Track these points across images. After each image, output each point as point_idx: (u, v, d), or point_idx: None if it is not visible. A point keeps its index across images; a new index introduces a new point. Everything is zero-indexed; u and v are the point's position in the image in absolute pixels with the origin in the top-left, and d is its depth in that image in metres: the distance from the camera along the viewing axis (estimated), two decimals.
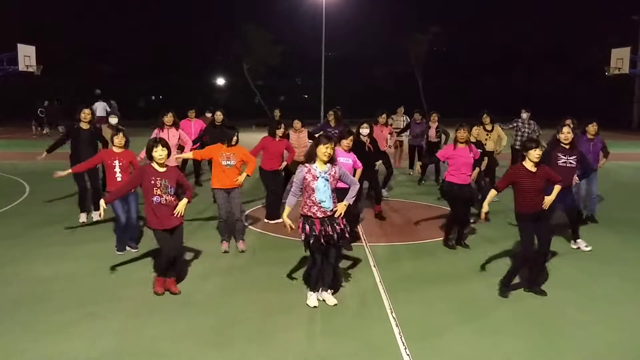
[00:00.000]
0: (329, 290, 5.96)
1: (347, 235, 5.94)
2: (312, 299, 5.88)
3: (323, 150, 5.62)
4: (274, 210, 9.48)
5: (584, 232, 8.36)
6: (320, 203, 5.63)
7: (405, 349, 4.92)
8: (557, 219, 8.09)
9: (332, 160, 5.74)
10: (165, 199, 5.99)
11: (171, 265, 6.14)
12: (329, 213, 5.69)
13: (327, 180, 5.63)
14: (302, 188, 5.72)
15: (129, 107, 36.19)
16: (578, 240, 8.01)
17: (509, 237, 8.29)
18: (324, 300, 5.89)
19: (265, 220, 9.52)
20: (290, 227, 5.69)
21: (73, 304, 5.86)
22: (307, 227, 5.69)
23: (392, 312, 5.71)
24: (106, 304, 5.85)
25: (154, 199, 5.96)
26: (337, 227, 5.74)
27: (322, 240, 5.68)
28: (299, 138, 10.43)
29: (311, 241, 5.70)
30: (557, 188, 6.30)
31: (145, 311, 5.68)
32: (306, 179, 5.65)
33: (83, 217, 9.39)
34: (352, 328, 5.37)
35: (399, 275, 6.90)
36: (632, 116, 39.73)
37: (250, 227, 9.13)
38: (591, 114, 10.64)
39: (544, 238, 6.19)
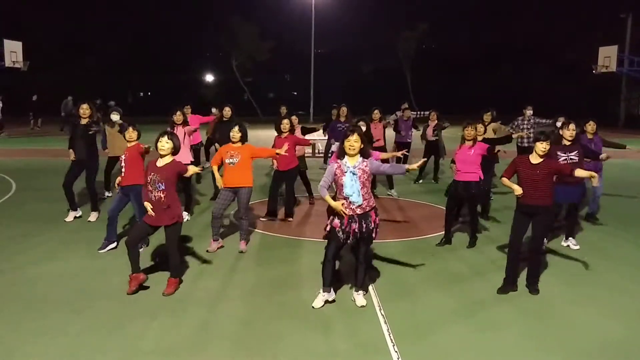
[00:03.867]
0: (360, 291, 5.86)
1: (374, 234, 5.81)
2: (318, 299, 5.78)
3: (347, 144, 5.58)
4: (274, 209, 9.54)
5: (577, 228, 8.41)
6: (349, 197, 5.56)
7: (394, 345, 4.92)
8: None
9: (365, 154, 5.66)
10: (155, 195, 5.92)
11: (134, 254, 6.05)
12: (358, 211, 5.60)
13: (355, 174, 5.54)
14: (331, 181, 5.67)
15: (116, 103, 35.93)
16: (569, 239, 8.06)
17: (505, 236, 8.29)
18: (353, 300, 5.82)
19: (262, 218, 9.49)
20: (343, 212, 5.57)
21: (59, 301, 5.81)
22: (337, 220, 5.64)
23: (380, 310, 5.71)
24: (93, 302, 5.81)
25: (148, 193, 5.97)
26: (364, 225, 5.65)
27: (344, 237, 5.64)
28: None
29: (341, 234, 5.62)
30: (582, 172, 6.15)
31: (133, 310, 5.64)
32: (336, 175, 5.61)
33: (71, 216, 9.27)
34: (340, 326, 5.36)
35: (388, 273, 6.90)
36: (619, 114, 40.02)
37: (251, 227, 9.01)
38: (578, 111, 10.72)
39: (536, 233, 6.21)
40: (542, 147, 6.05)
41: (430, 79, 51.17)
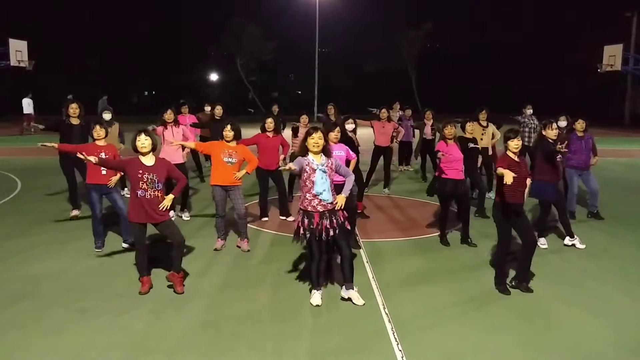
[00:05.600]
0: (355, 288, 5.87)
1: (347, 227, 5.86)
2: (315, 297, 5.81)
3: (311, 142, 5.61)
4: (265, 209, 9.50)
5: (577, 228, 8.36)
6: (319, 195, 5.60)
7: (398, 344, 4.92)
8: (551, 214, 8.13)
9: (326, 152, 5.72)
10: (150, 194, 5.92)
11: (144, 260, 6.08)
12: (329, 206, 5.67)
13: (325, 172, 5.61)
14: (300, 168, 5.63)
15: (121, 102, 36.11)
16: (575, 237, 8.00)
17: None
18: (349, 299, 5.82)
19: (262, 219, 9.47)
20: (290, 167, 5.58)
21: (64, 300, 5.84)
22: (306, 220, 5.67)
23: (384, 309, 5.71)
24: (97, 301, 5.83)
25: (139, 192, 5.91)
26: (335, 220, 5.71)
27: (318, 235, 5.66)
28: None
29: (308, 235, 5.67)
30: (528, 182, 6.26)
31: (136, 308, 5.66)
32: (306, 172, 5.63)
33: (75, 213, 9.35)
34: (344, 324, 5.36)
35: (391, 272, 6.91)
36: (624, 113, 39.90)
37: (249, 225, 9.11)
38: (583, 110, 10.71)
39: (528, 228, 6.21)
40: (514, 144, 6.08)
41: (434, 78, 51.07)
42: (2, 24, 33.41)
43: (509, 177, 5.69)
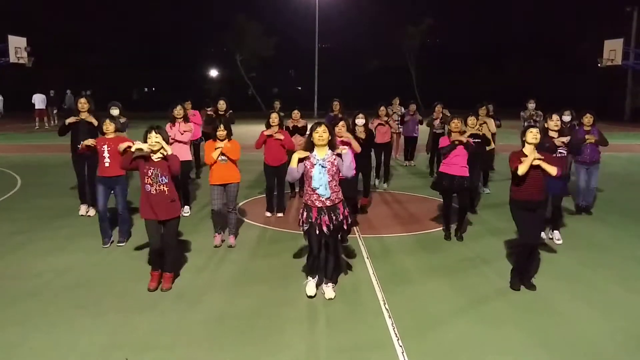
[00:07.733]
0: (329, 283, 5.93)
1: (345, 227, 5.87)
2: (310, 286, 5.88)
3: (315, 135, 5.60)
4: (271, 203, 9.50)
5: (578, 223, 8.38)
6: (316, 190, 5.61)
7: (398, 340, 4.93)
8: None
9: (333, 146, 5.68)
10: (156, 189, 5.92)
11: (158, 257, 6.09)
12: (327, 203, 5.66)
13: (324, 167, 5.58)
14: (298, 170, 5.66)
15: (121, 99, 35.94)
16: (554, 232, 8.02)
17: (505, 230, 8.31)
18: (323, 293, 5.89)
19: (267, 214, 9.48)
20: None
21: (65, 298, 5.84)
22: (305, 214, 5.72)
23: (385, 305, 5.71)
24: (98, 298, 5.83)
25: (146, 187, 5.95)
26: (334, 217, 5.70)
27: (317, 229, 5.68)
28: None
29: (306, 228, 5.72)
30: (550, 168, 5.98)
31: (138, 305, 5.66)
32: (305, 167, 5.64)
33: (83, 209, 9.34)
34: (345, 321, 5.36)
35: (392, 268, 6.90)
36: (625, 108, 39.82)
37: (248, 220, 9.13)
38: (583, 105, 10.69)
39: (532, 227, 6.18)
40: (532, 135, 6.02)
41: (435, 75, 50.97)
42: (1, 21, 33.31)
43: (526, 164, 5.84)
